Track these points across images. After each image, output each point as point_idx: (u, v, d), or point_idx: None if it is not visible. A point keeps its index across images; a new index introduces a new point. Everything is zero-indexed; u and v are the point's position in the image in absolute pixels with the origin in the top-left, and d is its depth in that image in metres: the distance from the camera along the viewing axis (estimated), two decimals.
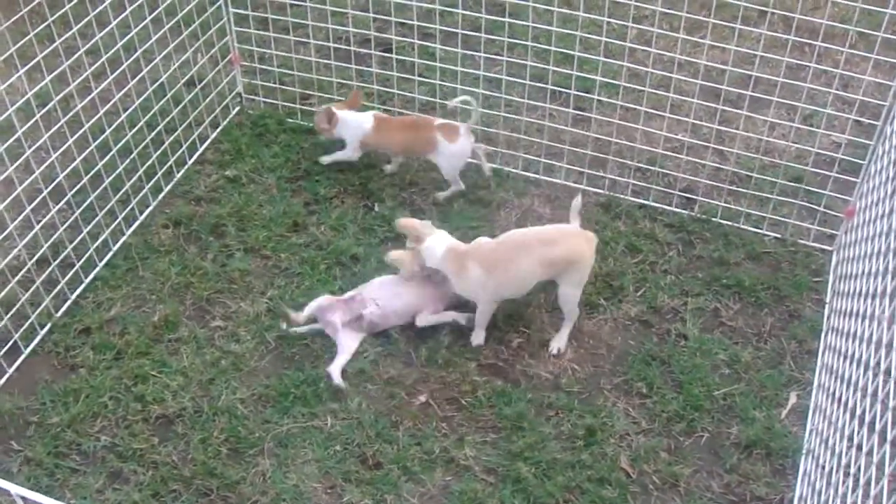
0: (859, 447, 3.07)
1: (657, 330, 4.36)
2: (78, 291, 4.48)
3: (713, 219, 4.87)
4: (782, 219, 4.83)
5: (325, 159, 5.18)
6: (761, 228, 4.83)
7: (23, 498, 1.95)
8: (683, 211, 4.92)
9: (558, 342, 4.28)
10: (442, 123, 4.91)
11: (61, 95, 4.27)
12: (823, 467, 3.43)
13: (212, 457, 3.80)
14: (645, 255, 4.69)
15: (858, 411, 3.18)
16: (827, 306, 4.44)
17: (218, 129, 5.43)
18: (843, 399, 3.45)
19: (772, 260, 4.70)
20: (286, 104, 5.56)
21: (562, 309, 4.26)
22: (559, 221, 4.77)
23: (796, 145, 4.98)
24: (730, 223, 4.86)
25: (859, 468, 2.95)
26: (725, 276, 4.58)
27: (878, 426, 2.90)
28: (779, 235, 4.80)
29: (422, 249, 4.18)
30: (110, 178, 4.66)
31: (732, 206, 4.90)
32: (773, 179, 4.83)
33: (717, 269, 4.62)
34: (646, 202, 4.97)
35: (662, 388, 4.11)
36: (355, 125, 5.03)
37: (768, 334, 4.35)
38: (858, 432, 3.12)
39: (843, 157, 4.64)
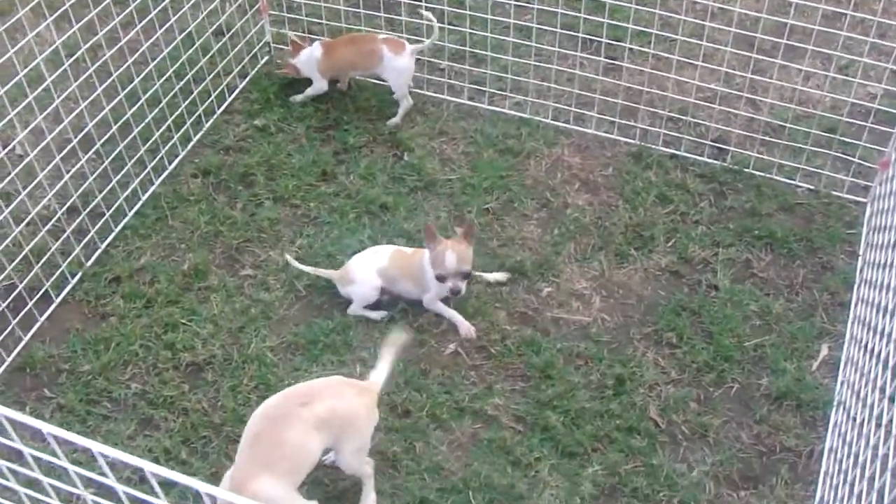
0: (892, 398, 3.05)
1: (688, 280, 4.33)
2: (108, 241, 4.49)
3: (745, 169, 4.81)
4: (816, 170, 4.76)
5: (297, 98, 5.27)
6: (794, 179, 4.77)
7: (53, 436, 1.97)
8: (715, 161, 4.87)
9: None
10: (386, 37, 5.04)
11: (89, 45, 4.26)
12: (854, 419, 3.41)
13: (241, 404, 3.82)
14: (676, 205, 4.65)
15: (892, 362, 3.15)
16: (860, 258, 4.39)
17: (247, 79, 5.41)
18: (876, 350, 3.42)
19: (805, 211, 4.65)
20: None
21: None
22: (588, 171, 4.77)
23: (831, 95, 4.90)
24: (762, 174, 4.80)
25: (891, 419, 2.93)
26: (757, 227, 4.53)
27: None
28: (812, 187, 4.74)
29: None
30: (139, 128, 4.66)
31: (765, 157, 4.83)
32: (807, 130, 4.76)
33: (749, 220, 4.58)
34: (677, 152, 4.92)
35: (692, 338, 4.08)
36: (309, 58, 5.16)
37: (800, 286, 4.31)
38: (891, 384, 3.09)
39: (878, 107, 4.56)
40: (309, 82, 5.23)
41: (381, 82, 5.20)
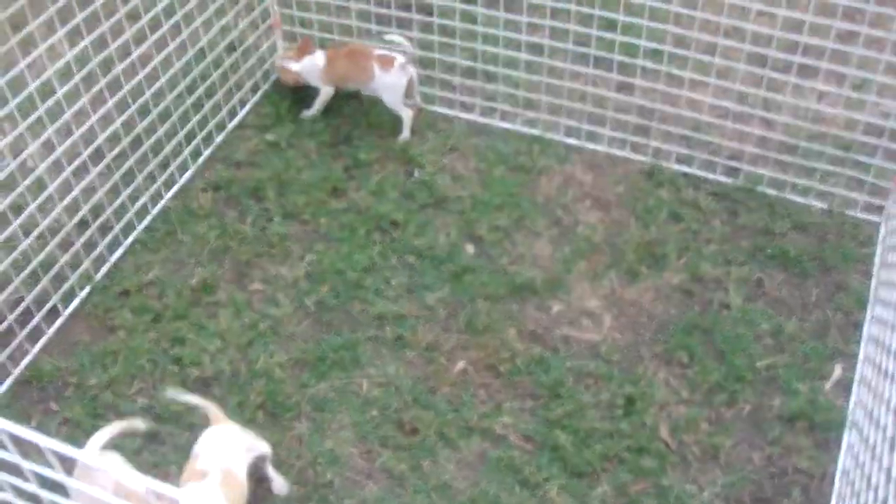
0: None
1: (699, 299, 4.30)
2: (117, 254, 4.49)
3: (758, 188, 4.78)
4: (829, 189, 4.72)
5: (308, 113, 5.26)
6: (807, 198, 4.73)
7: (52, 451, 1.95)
8: (728, 179, 4.84)
9: None
10: (379, 54, 5.02)
11: (101, 58, 4.25)
12: (868, 440, 3.36)
13: (248, 420, 3.80)
14: (688, 223, 4.62)
15: None
16: (874, 277, 4.35)
17: (258, 94, 5.41)
18: (891, 371, 3.37)
19: (818, 230, 4.61)
20: None
21: None
22: (600, 189, 4.74)
23: (845, 114, 4.86)
24: (775, 192, 4.77)
25: None
26: (770, 246, 4.50)
27: None
28: (825, 205, 4.71)
29: None
30: (150, 142, 4.66)
31: (778, 175, 4.79)
32: (821, 149, 4.73)
33: (762, 239, 4.54)
34: (690, 170, 4.89)
35: (704, 358, 4.05)
36: (313, 67, 5.16)
37: (813, 305, 4.27)
38: None
39: (893, 126, 4.52)
40: (311, 91, 5.23)
41: None
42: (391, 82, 5.00)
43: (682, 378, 4.00)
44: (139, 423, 3.56)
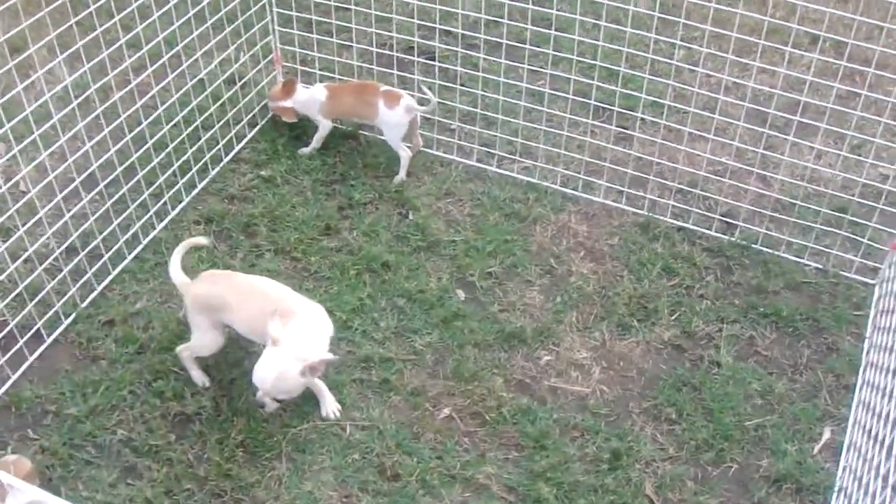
0: (895, 488, 2.96)
1: (690, 355, 4.26)
2: (105, 283, 4.44)
3: (753, 245, 4.76)
4: (825, 249, 4.71)
5: (305, 151, 5.25)
6: (802, 258, 4.71)
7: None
8: (723, 236, 4.82)
9: None
10: (385, 90, 5.00)
11: (99, 85, 4.24)
12: None
13: (228, 458, 3.74)
14: (681, 278, 4.59)
15: None
16: (867, 341, 4.32)
17: (256, 129, 5.39)
18: (881, 437, 3.33)
19: (812, 290, 4.58)
20: None
21: None
22: (594, 240, 4.72)
23: (843, 175, 4.86)
24: (770, 251, 4.74)
25: None
26: (763, 305, 4.47)
27: None
28: (820, 266, 4.68)
29: None
30: (144, 172, 4.63)
31: (774, 234, 4.78)
32: (818, 208, 4.72)
33: (755, 297, 4.51)
34: (685, 225, 4.87)
35: (692, 415, 4.00)
36: (313, 100, 5.17)
37: (804, 366, 4.23)
38: (895, 472, 3.01)
39: (890, 188, 4.52)
40: (308, 128, 5.23)
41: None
42: (395, 120, 4.99)
43: (670, 434, 3.95)
44: (203, 239, 4.18)
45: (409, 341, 4.24)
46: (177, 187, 4.85)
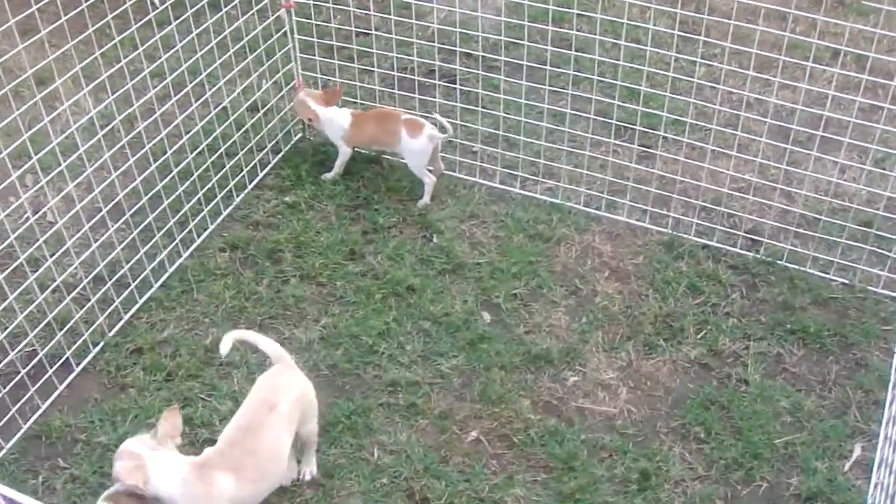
0: None
1: (717, 374, 4.24)
2: (132, 311, 4.47)
3: (779, 262, 4.74)
4: (851, 264, 4.68)
5: (328, 176, 5.27)
6: (829, 273, 4.69)
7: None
8: (748, 253, 4.80)
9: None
10: (408, 118, 5.03)
11: (124, 115, 4.29)
12: None
13: None
14: (707, 296, 4.57)
15: None
16: (895, 355, 4.29)
17: (279, 155, 5.43)
18: None
19: (839, 306, 4.56)
20: None
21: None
22: (619, 259, 4.71)
23: (867, 189, 4.84)
24: (796, 267, 4.72)
25: None
26: (790, 321, 4.44)
27: None
28: (847, 281, 4.66)
29: None
30: (170, 200, 4.67)
31: (799, 250, 4.76)
32: (843, 223, 4.69)
33: (782, 314, 4.49)
34: (710, 242, 4.86)
35: (721, 433, 3.98)
36: (336, 125, 5.18)
37: (833, 383, 4.21)
38: None
39: None
40: (330, 153, 5.26)
41: None
42: (418, 148, 5.01)
43: (698, 454, 3.93)
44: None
45: (436, 364, 4.25)
46: (202, 215, 4.88)
